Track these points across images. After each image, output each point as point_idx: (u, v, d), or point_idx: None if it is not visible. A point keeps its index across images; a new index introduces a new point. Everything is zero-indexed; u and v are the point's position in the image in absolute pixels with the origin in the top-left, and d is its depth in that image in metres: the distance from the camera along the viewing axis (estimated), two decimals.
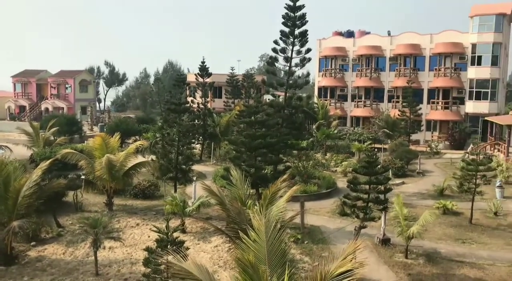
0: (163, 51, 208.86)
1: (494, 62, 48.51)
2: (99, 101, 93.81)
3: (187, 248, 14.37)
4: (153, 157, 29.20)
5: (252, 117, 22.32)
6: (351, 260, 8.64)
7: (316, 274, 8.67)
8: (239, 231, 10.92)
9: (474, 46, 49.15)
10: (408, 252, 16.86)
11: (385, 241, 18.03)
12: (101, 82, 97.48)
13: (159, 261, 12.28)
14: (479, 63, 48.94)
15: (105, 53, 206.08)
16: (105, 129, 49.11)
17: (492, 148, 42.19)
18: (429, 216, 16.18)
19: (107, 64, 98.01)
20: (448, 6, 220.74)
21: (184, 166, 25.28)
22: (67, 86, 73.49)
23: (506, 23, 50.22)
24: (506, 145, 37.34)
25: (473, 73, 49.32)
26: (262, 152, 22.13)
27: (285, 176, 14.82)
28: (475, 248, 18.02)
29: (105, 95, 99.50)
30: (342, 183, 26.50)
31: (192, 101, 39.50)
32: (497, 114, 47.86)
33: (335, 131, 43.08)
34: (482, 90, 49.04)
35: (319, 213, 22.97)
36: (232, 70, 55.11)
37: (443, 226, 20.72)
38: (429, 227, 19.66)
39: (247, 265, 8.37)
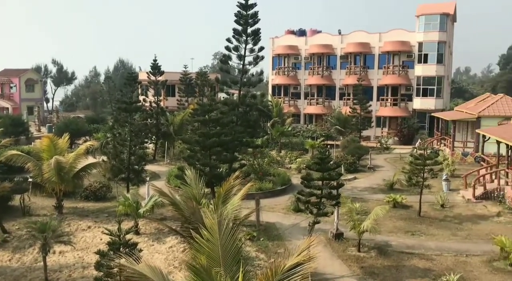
0: (114, 49, 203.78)
1: (440, 60, 50.53)
2: (47, 100, 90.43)
3: (140, 250, 14.10)
4: (104, 158, 28.43)
5: (206, 116, 22.17)
6: (300, 254, 8.70)
7: (267, 270, 8.72)
8: (193, 231, 10.81)
9: (420, 44, 50.98)
10: (361, 246, 17.28)
11: (339, 236, 18.40)
12: (49, 81, 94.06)
13: (112, 264, 11.97)
14: (425, 61, 50.81)
15: (53, 52, 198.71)
16: (53, 130, 47.37)
17: (438, 143, 43.97)
18: (380, 211, 16.64)
19: (54, 62, 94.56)
20: (396, 5, 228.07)
21: (136, 167, 24.79)
22: (12, 85, 70.34)
23: (450, 22, 52.42)
24: (451, 140, 39.00)
25: (420, 70, 51.17)
26: (216, 151, 22.02)
27: (237, 173, 14.74)
28: (423, 240, 18.71)
29: (53, 95, 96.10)
30: (296, 179, 26.80)
31: (144, 100, 38.85)
32: (442, 110, 49.88)
33: (289, 129, 43.61)
34: (429, 87, 50.97)
35: (274, 209, 23.14)
36: (185, 68, 54.63)
37: (394, 219, 21.38)
38: (380, 221, 20.17)
39: (199, 268, 8.30)
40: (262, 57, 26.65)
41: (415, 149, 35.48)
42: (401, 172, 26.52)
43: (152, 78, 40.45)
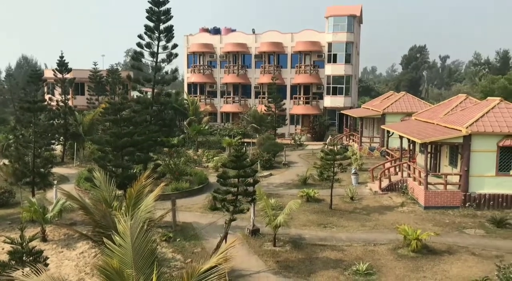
0: (15, 44, 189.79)
1: (348, 60, 53.09)
2: None
3: (46, 258, 13.25)
4: (6, 161, 26.38)
5: (118, 115, 21.36)
6: (217, 257, 8.70)
7: (183, 273, 8.63)
8: (104, 236, 10.39)
9: (330, 45, 53.18)
10: (276, 240, 17.64)
11: (255, 232, 18.65)
12: None
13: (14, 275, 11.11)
14: (334, 61, 53.13)
15: None
16: None
17: (347, 139, 46.18)
18: (294, 205, 17.09)
19: None
20: (309, 6, 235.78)
21: (42, 170, 23.30)
22: None
23: (357, 24, 55.25)
24: (359, 136, 41.15)
25: (329, 70, 53.39)
26: (129, 151, 21.32)
27: (147, 172, 14.37)
28: (335, 232, 19.52)
29: None
30: (214, 178, 26.63)
31: (50, 99, 36.63)
32: (351, 108, 52.51)
33: (206, 127, 43.45)
34: (338, 86, 53.38)
35: (192, 209, 22.91)
36: (95, 65, 52.36)
37: (307, 213, 22.09)
38: (295, 215, 20.82)
39: (111, 272, 7.97)
40: (176, 55, 26.31)
41: (326, 145, 36.99)
42: (313, 167, 27.47)
43: (59, 75, 38.23)
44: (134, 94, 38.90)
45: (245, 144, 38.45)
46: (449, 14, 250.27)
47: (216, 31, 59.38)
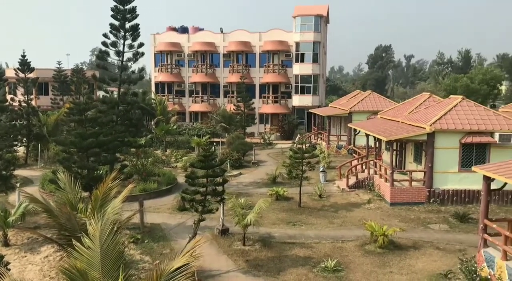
0: None
1: (315, 59, 53.65)
2: None
3: (8, 263, 12.85)
4: None
5: (83, 115, 20.90)
6: (185, 256, 8.65)
7: (152, 273, 8.53)
8: (70, 239, 10.17)
9: (297, 44, 53.60)
10: (246, 240, 17.65)
11: (224, 231, 18.61)
12: None
13: None
14: (302, 60, 53.59)
15: None
16: None
17: (316, 137, 46.68)
18: (263, 204, 17.14)
19: None
20: (277, 5, 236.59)
21: (4, 172, 22.55)
22: None
23: (324, 23, 55.87)
24: (327, 134, 41.64)
25: (297, 69, 53.81)
26: (95, 152, 20.88)
27: (114, 174, 14.13)
28: (304, 229, 19.70)
29: None
30: (182, 178, 26.46)
31: (12, 99, 35.55)
32: (319, 107, 53.09)
33: (174, 127, 43.07)
34: (306, 85, 53.88)
35: (160, 210, 22.67)
36: (59, 64, 51.07)
37: (277, 212, 22.20)
38: (264, 214, 20.86)
39: (76, 274, 7.81)
40: (142, 54, 25.92)
41: (295, 144, 37.26)
42: (282, 166, 27.63)
43: (21, 75, 37.07)
44: (100, 93, 38.16)
45: (214, 143, 38.37)
46: (415, 14, 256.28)
47: (183, 30, 58.94)
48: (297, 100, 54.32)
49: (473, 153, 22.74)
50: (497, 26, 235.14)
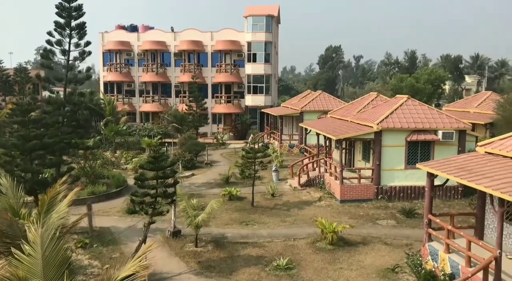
0: None
1: (267, 59, 54.02)
2: None
3: None
4: None
5: (26, 116, 20.00)
6: (135, 262, 8.44)
7: (101, 279, 8.29)
8: (11, 247, 9.69)
9: (249, 44, 53.79)
10: (198, 241, 17.51)
11: (176, 233, 18.39)
12: None
13: None
14: (254, 60, 53.82)
15: None
16: None
17: (268, 137, 47.01)
18: (215, 204, 17.08)
19: None
20: (228, 5, 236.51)
21: None
22: None
23: (275, 24, 56.34)
24: (279, 133, 42.04)
25: (250, 69, 54.00)
26: (39, 155, 20.05)
27: (64, 178, 13.67)
28: (256, 228, 19.78)
29: None
30: (133, 180, 25.98)
31: None
32: (271, 106, 53.54)
33: (124, 128, 42.10)
34: (258, 84, 54.17)
35: (109, 213, 22.11)
36: (1, 63, 48.78)
37: (230, 212, 22.17)
38: (217, 214, 20.82)
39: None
40: (90, 53, 25.16)
41: (248, 143, 37.39)
42: (235, 166, 27.64)
43: None
44: (46, 94, 36.74)
45: (166, 144, 37.84)
46: (363, 15, 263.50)
47: (133, 28, 57.78)
48: (250, 100, 54.51)
49: (418, 151, 23.62)
50: (439, 26, 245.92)
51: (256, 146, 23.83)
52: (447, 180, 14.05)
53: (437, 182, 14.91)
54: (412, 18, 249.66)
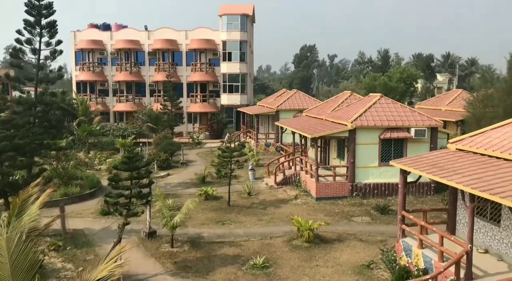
0: None
1: (242, 58, 53.99)
2: None
3: None
4: None
5: None
6: (109, 262, 8.32)
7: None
8: None
9: (224, 43, 53.65)
10: (174, 241, 17.37)
11: (151, 234, 18.21)
12: None
13: None
14: (229, 59, 53.73)
15: None
16: None
17: (244, 136, 47.00)
18: (191, 204, 16.98)
19: None
20: (203, 3, 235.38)
21: None
22: None
23: (250, 23, 56.33)
24: (255, 132, 42.08)
25: (225, 68, 53.87)
26: (9, 156, 19.55)
27: (38, 180, 13.36)
28: (233, 228, 19.75)
29: None
30: (107, 181, 25.64)
31: None
32: (247, 105, 53.51)
33: (98, 128, 41.44)
34: (234, 83, 54.10)
35: (83, 215, 21.74)
36: None
37: (206, 211, 22.07)
38: (193, 214, 20.69)
39: None
40: (61, 51, 24.71)
41: (224, 143, 37.30)
42: (211, 165, 27.52)
43: None
44: (16, 94, 35.84)
45: (141, 144, 37.43)
46: (335, 15, 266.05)
47: (106, 27, 56.90)
48: (226, 99, 54.38)
49: (392, 148, 23.98)
50: (411, 26, 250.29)
51: (232, 145, 23.77)
52: (420, 176, 14.31)
53: (410, 179, 15.15)
54: (385, 18, 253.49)
